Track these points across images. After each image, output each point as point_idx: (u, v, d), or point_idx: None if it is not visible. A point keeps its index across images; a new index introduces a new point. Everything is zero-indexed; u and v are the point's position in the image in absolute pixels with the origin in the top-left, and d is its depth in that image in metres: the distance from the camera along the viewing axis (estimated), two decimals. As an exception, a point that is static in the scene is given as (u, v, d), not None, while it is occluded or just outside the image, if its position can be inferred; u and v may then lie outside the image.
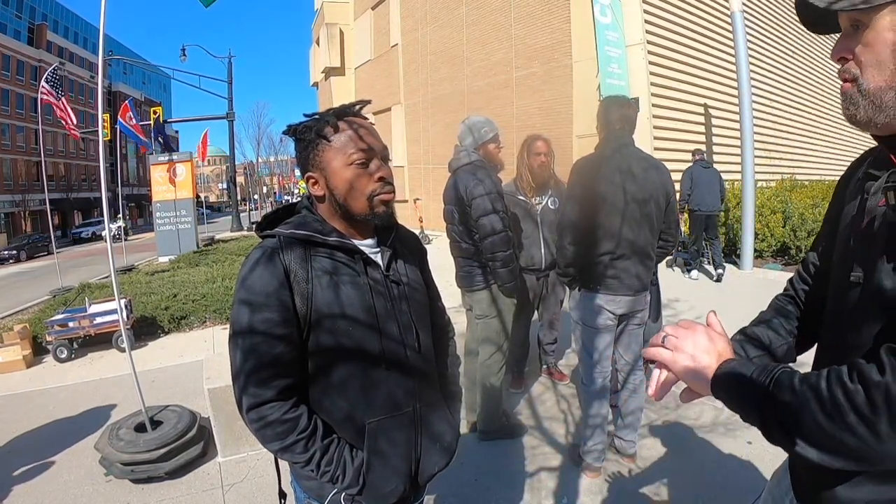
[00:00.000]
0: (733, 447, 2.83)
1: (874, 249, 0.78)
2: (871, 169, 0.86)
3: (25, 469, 3.07)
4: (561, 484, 2.62)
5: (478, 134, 2.84)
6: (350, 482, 1.12)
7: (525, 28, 10.68)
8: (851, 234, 0.85)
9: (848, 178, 0.96)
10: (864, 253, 0.81)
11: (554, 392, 3.72)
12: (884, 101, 0.75)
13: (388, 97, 16.32)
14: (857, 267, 0.81)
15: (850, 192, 0.92)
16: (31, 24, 40.74)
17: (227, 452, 3.06)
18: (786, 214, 7.89)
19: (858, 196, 0.87)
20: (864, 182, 0.86)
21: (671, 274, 7.51)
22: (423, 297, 1.29)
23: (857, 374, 0.65)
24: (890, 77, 0.73)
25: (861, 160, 0.93)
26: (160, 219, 13.39)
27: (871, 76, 0.75)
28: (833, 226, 0.96)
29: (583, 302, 2.55)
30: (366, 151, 1.12)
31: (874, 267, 0.76)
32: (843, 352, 0.80)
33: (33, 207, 36.11)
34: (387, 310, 1.17)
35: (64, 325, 5.33)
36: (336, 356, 1.12)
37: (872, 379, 0.63)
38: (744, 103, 7.43)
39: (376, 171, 1.14)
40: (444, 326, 1.45)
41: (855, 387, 0.64)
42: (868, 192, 0.83)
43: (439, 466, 1.26)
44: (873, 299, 0.76)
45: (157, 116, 16.32)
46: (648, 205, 2.44)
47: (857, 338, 0.79)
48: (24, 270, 16.37)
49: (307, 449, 1.09)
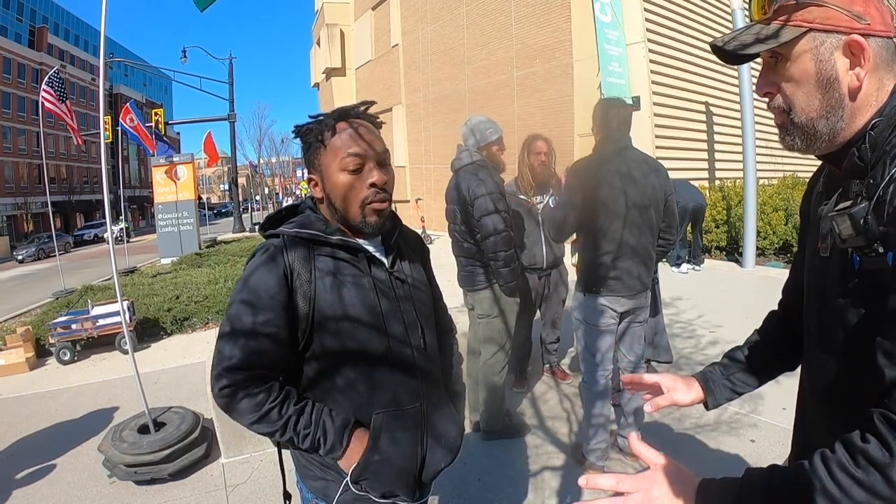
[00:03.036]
0: (737, 445, 2.82)
1: (830, 273, 0.77)
2: (825, 185, 0.86)
3: (28, 471, 3.07)
4: (564, 483, 2.61)
5: (480, 135, 2.84)
6: (333, 442, 1.09)
7: (525, 27, 10.68)
8: (814, 255, 0.84)
9: (810, 191, 0.95)
10: (823, 275, 0.80)
11: (556, 391, 3.72)
12: (818, 130, 0.75)
13: (388, 97, 16.32)
14: (820, 287, 0.81)
15: (812, 206, 0.90)
16: (32, 27, 40.82)
17: (231, 453, 3.06)
18: (788, 212, 7.87)
19: (816, 215, 0.85)
20: (820, 200, 0.85)
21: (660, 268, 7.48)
22: (427, 296, 1.29)
23: (863, 458, 0.61)
24: (819, 107, 0.73)
25: (819, 172, 0.92)
26: (162, 220, 13.40)
27: (800, 109, 0.75)
28: (803, 243, 0.96)
29: (585, 302, 2.55)
30: (359, 156, 1.10)
31: (832, 291, 0.76)
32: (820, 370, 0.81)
33: (35, 210, 36.20)
34: (391, 309, 1.16)
35: (67, 327, 5.35)
36: (340, 356, 1.12)
37: (881, 460, 0.59)
38: (745, 101, 7.42)
39: (368, 176, 1.12)
40: (447, 324, 1.45)
41: (869, 477, 0.60)
42: (821, 216, 0.81)
43: (444, 463, 1.26)
44: (835, 321, 0.76)
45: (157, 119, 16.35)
46: (649, 210, 2.44)
47: (830, 359, 0.78)
48: (26, 273, 16.40)
49: (282, 415, 1.07)
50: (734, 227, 8.28)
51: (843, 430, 0.66)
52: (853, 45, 0.70)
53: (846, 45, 0.70)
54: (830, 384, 0.79)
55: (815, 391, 0.85)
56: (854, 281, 0.71)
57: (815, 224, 0.86)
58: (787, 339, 1.03)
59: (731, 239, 8.36)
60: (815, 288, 0.84)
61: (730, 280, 6.88)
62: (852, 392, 0.73)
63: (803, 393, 0.93)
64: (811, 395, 0.88)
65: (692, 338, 4.55)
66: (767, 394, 3.06)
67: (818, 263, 0.81)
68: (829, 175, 0.85)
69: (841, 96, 0.72)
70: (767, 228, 7.91)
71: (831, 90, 0.72)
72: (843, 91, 0.72)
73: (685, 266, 7.35)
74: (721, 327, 4.72)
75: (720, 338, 4.45)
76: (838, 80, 0.72)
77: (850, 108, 0.73)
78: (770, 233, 7.90)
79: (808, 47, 0.72)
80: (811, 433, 0.89)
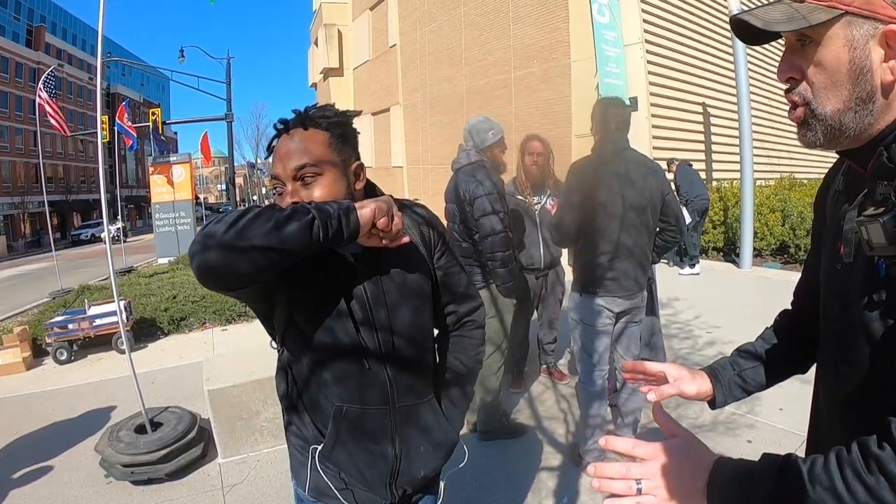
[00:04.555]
0: (733, 446, 2.83)
1: (853, 280, 0.73)
2: (845, 183, 0.80)
3: (25, 471, 3.06)
4: (561, 483, 2.62)
5: (480, 137, 2.85)
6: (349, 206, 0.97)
7: (523, 28, 10.68)
8: (835, 259, 0.79)
9: (826, 188, 0.90)
10: (844, 281, 0.76)
11: (553, 392, 3.72)
12: (843, 124, 0.69)
13: (386, 98, 16.32)
14: (841, 293, 0.77)
15: (829, 207, 0.85)
16: (30, 26, 40.71)
17: (228, 453, 3.06)
18: (785, 213, 7.90)
19: (836, 215, 0.80)
20: (840, 200, 0.79)
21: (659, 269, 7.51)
22: (409, 295, 1.18)
23: (875, 464, 0.59)
24: (847, 98, 0.68)
25: (838, 167, 0.87)
26: (159, 220, 13.37)
27: (825, 99, 0.69)
28: (817, 243, 0.90)
29: (582, 302, 2.55)
30: (276, 178, 1.07)
31: (854, 299, 0.72)
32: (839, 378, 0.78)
33: (32, 209, 36.08)
34: (362, 303, 1.11)
35: (63, 327, 5.32)
36: (315, 348, 1.10)
37: (893, 470, 0.58)
38: (742, 102, 7.44)
39: (284, 199, 1.05)
40: (458, 320, 1.41)
41: (878, 484, 0.58)
42: (843, 218, 0.75)
43: (424, 471, 1.21)
44: (857, 329, 0.72)
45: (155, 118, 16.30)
46: (646, 211, 2.45)
47: (848, 367, 0.75)
48: (23, 272, 16.35)
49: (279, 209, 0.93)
50: (731, 228, 8.31)
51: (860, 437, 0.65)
52: (890, 35, 0.64)
53: (883, 34, 0.65)
54: (848, 392, 0.76)
55: (832, 399, 0.82)
56: (879, 289, 0.68)
57: (833, 225, 0.81)
58: (800, 341, 0.99)
59: (728, 240, 8.38)
60: (834, 294, 0.79)
61: (727, 281, 6.90)
62: (872, 401, 0.71)
63: (818, 400, 0.90)
64: (826, 402, 0.84)
65: (689, 338, 4.56)
66: (764, 394, 3.05)
67: (839, 268, 0.76)
68: (850, 173, 0.79)
69: (873, 89, 0.67)
70: (764, 229, 7.94)
71: (862, 81, 0.67)
72: (876, 84, 0.66)
73: (688, 268, 7.28)
74: (718, 328, 4.74)
75: (717, 338, 4.47)
76: (871, 71, 0.66)
77: (880, 102, 0.67)
78: (767, 234, 7.93)
79: (841, 32, 0.66)
80: (826, 440, 0.85)
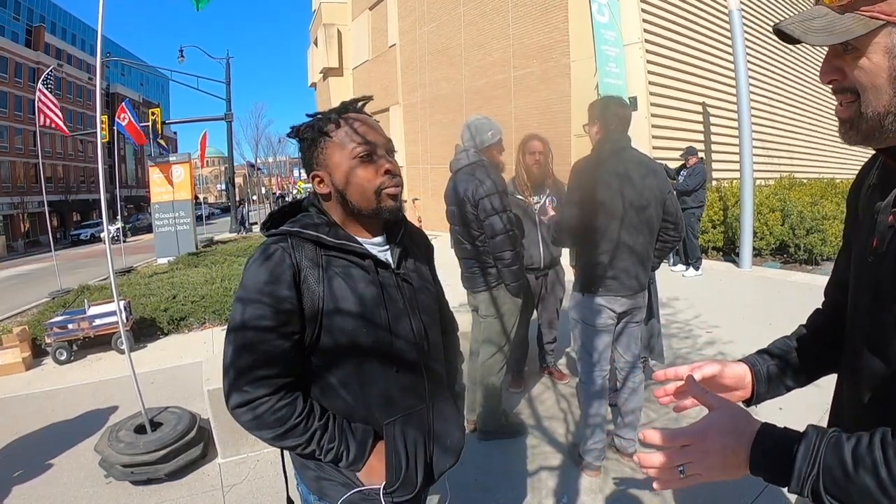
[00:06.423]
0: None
1: (885, 272, 0.74)
2: (879, 177, 0.82)
3: (25, 471, 3.06)
4: (561, 483, 2.62)
5: (479, 138, 2.84)
6: (356, 455, 1.10)
7: (523, 27, 10.68)
8: (866, 252, 0.80)
9: (859, 185, 0.92)
10: (876, 273, 0.77)
11: (553, 391, 3.72)
12: (884, 126, 0.71)
13: (386, 97, 16.30)
14: (872, 285, 0.78)
15: (861, 202, 0.87)
16: (29, 26, 40.65)
17: (227, 454, 3.06)
18: (784, 213, 7.90)
19: (869, 209, 0.82)
20: (874, 195, 0.81)
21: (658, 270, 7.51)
22: (432, 296, 1.28)
23: None
24: (888, 102, 0.70)
25: (871, 163, 0.89)
26: (159, 220, 13.35)
27: (867, 103, 0.71)
28: (847, 241, 0.92)
29: (583, 302, 2.55)
30: (369, 144, 1.10)
31: (887, 291, 0.73)
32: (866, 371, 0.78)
33: (32, 209, 36.06)
34: (398, 311, 1.15)
35: (63, 327, 5.32)
36: (346, 357, 1.11)
37: None
38: (742, 102, 7.43)
39: (382, 163, 1.12)
40: (449, 323, 1.44)
41: None
42: (878, 211, 0.78)
43: (449, 464, 1.25)
44: (889, 321, 0.72)
45: (154, 118, 16.30)
46: (647, 210, 2.44)
47: (878, 360, 0.75)
48: (22, 272, 16.34)
49: (307, 429, 1.07)
50: (731, 228, 8.31)
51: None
52: None
53: None
54: (877, 387, 0.76)
55: (857, 392, 0.82)
56: None
57: (866, 218, 0.82)
58: (835, 338, 0.98)
59: (728, 239, 8.38)
60: (864, 286, 0.80)
61: (727, 280, 6.90)
62: None
63: (840, 395, 0.89)
64: (850, 396, 0.84)
65: (689, 338, 4.56)
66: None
67: (871, 260, 0.78)
68: (885, 168, 0.81)
69: None
70: (764, 229, 7.94)
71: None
72: None
73: (693, 270, 7.27)
74: (718, 327, 4.74)
75: (717, 338, 4.47)
76: None
77: None
78: (767, 233, 7.93)
79: (882, 41, 0.67)
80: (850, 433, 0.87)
